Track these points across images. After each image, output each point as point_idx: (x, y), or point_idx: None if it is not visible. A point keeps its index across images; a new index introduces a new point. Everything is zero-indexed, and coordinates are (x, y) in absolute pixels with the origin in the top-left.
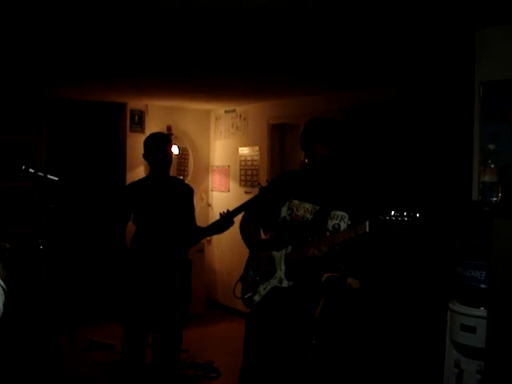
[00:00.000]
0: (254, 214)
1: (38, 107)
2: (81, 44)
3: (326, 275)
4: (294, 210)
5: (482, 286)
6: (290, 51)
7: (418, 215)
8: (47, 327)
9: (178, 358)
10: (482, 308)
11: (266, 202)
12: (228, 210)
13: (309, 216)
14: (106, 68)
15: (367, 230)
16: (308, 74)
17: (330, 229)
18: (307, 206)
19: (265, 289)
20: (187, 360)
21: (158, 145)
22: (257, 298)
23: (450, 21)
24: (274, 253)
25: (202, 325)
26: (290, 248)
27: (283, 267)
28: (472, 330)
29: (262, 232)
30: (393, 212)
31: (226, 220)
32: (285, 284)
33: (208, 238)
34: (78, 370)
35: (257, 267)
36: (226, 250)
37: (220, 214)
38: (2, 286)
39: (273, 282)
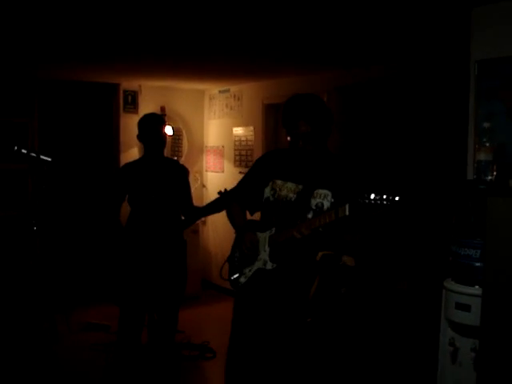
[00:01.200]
0: (238, 196)
1: (30, 88)
2: (73, 24)
3: (320, 253)
4: (277, 190)
5: (477, 264)
6: (284, 30)
7: (397, 199)
8: (42, 309)
9: (173, 339)
10: (477, 286)
11: (250, 183)
12: (226, 189)
13: (292, 196)
14: (99, 48)
15: (347, 213)
16: (302, 53)
17: (313, 208)
18: (290, 185)
19: (250, 270)
20: (183, 340)
21: (152, 126)
22: (243, 279)
23: None
24: (259, 234)
25: (198, 305)
26: (274, 229)
27: (267, 249)
28: (467, 308)
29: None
30: (373, 195)
31: (224, 199)
32: (269, 266)
33: (203, 219)
34: (73, 352)
35: (241, 249)
36: (221, 231)
37: (218, 192)
38: None
39: (257, 264)
